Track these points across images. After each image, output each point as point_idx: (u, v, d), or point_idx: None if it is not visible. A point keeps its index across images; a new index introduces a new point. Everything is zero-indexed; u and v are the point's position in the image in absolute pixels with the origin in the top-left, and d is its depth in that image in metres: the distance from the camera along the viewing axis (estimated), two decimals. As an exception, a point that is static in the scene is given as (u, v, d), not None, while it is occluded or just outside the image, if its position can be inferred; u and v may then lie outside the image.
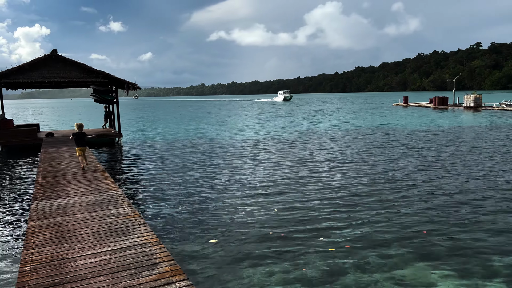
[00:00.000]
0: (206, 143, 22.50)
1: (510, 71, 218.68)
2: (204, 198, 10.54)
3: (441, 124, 30.72)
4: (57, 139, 19.58)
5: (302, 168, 14.30)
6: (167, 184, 12.10)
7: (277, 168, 14.37)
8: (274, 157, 17.02)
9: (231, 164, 15.44)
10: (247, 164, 15.45)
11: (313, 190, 11.00)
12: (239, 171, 13.95)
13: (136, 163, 16.12)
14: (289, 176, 12.99)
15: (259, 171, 13.89)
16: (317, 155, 17.25)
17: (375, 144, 20.32)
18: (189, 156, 17.53)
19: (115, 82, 21.57)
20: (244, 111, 63.72)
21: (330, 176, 12.87)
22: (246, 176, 13.17)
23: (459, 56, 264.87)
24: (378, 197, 10.21)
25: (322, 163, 15.14)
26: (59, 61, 19.70)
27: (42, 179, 9.65)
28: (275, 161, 16.00)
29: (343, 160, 15.82)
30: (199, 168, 14.57)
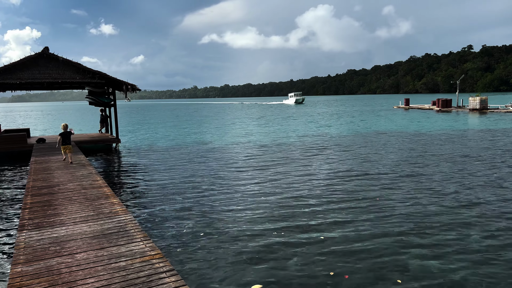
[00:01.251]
0: (210, 148, 20.87)
1: (502, 74, 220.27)
2: (231, 224, 8.93)
3: (452, 127, 29.44)
4: (49, 146, 17.83)
5: (326, 177, 12.78)
6: (178, 200, 10.45)
7: (291, 174, 12.84)
8: (289, 163, 15.47)
9: (244, 172, 13.85)
10: (262, 173, 13.87)
11: (338, 200, 9.49)
12: (252, 179, 12.37)
13: (138, 172, 14.44)
14: (305, 185, 11.46)
15: (277, 179, 12.34)
16: (339, 162, 15.76)
17: (397, 149, 18.88)
18: (194, 163, 15.90)
19: (113, 84, 19.84)
20: (253, 114, 62.12)
21: (344, 183, 11.36)
22: (262, 186, 11.59)
23: (451, 59, 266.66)
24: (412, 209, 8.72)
25: (341, 171, 13.63)
26: (51, 60, 17.95)
27: (31, 198, 7.97)
28: (289, 167, 14.45)
29: (359, 168, 14.33)
30: (207, 177, 12.96)
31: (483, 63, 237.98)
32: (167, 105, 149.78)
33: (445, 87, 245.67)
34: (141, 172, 14.43)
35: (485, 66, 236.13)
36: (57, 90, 23.56)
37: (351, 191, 10.93)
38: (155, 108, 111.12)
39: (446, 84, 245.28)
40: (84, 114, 78.44)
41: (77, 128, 36.60)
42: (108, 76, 18.85)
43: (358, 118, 42.73)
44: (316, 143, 22.19)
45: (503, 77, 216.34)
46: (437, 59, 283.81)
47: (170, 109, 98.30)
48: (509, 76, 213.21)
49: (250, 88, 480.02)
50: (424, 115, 43.84)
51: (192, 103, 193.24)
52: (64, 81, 18.02)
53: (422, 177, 12.55)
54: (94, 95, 20.87)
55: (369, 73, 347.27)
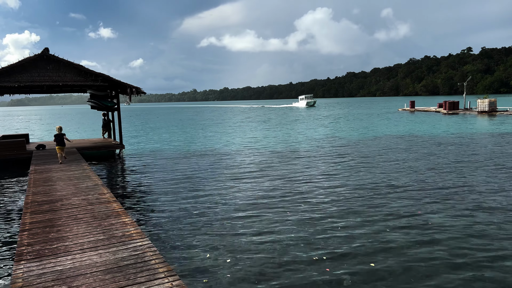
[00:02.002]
0: (219, 153, 19.87)
1: (502, 76, 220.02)
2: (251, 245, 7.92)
3: (467, 131, 28.50)
4: (49, 152, 16.81)
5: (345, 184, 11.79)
6: (197, 219, 9.43)
7: (305, 180, 11.85)
8: (308, 172, 14.47)
9: (256, 178, 12.85)
10: (284, 184, 12.87)
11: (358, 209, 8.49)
12: (263, 186, 11.38)
13: (147, 183, 13.42)
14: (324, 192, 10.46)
15: (290, 185, 11.34)
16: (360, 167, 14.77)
17: (419, 156, 17.91)
18: (206, 172, 14.90)
19: (116, 86, 18.85)
20: (264, 118, 61.14)
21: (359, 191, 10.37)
22: (288, 201, 10.59)
23: (451, 61, 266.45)
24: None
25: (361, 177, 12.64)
26: (51, 62, 16.96)
27: (30, 217, 6.97)
28: (309, 177, 13.45)
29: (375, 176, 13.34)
30: (221, 187, 11.96)
31: (483, 65, 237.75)
32: (167, 109, 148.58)
33: (445, 89, 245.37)
34: (150, 182, 13.39)
35: (485, 68, 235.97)
36: (57, 93, 22.55)
37: (385, 205, 9.90)
38: (155, 112, 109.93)
39: (446, 86, 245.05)
40: (84, 118, 77.40)
41: (78, 134, 35.51)
42: (111, 78, 17.86)
43: (368, 122, 41.77)
44: (333, 149, 21.21)
45: (503, 79, 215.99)
46: (436, 62, 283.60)
47: (171, 113, 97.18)
48: (509, 78, 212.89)
49: (249, 91, 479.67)
50: (433, 118, 42.90)
51: (192, 106, 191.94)
52: (65, 84, 17.03)
53: (459, 187, 11.55)
54: (97, 99, 19.87)
55: (368, 75, 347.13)
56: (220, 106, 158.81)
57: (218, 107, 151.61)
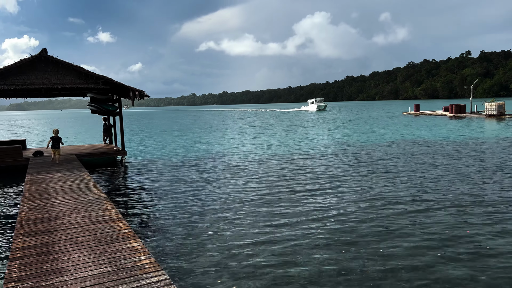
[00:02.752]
0: (227, 160, 18.88)
1: (502, 79, 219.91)
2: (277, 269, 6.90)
3: (481, 135, 27.56)
4: (47, 160, 15.79)
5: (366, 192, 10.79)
6: (213, 240, 8.42)
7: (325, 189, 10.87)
8: (323, 181, 13.48)
9: (273, 190, 11.86)
10: (302, 196, 11.88)
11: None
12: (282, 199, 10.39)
13: (153, 194, 12.38)
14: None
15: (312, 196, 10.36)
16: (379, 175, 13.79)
17: (443, 164, 16.95)
18: (214, 180, 13.90)
19: (118, 90, 17.85)
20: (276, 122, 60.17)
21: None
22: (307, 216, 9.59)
23: (450, 65, 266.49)
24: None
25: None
26: (49, 64, 15.97)
27: (23, 241, 5.94)
28: (325, 187, 12.45)
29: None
30: (239, 200, 10.97)
31: (482, 68, 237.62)
32: (167, 113, 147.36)
33: (445, 93, 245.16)
34: (157, 194, 12.30)
35: (484, 72, 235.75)
36: (56, 97, 21.56)
37: (428, 225, 8.85)
38: (155, 116, 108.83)
39: (445, 90, 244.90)
40: (84, 123, 76.30)
41: (78, 139, 34.47)
42: (113, 81, 16.88)
43: (378, 126, 40.81)
44: (352, 156, 20.22)
45: (503, 83, 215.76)
46: (435, 65, 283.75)
47: (172, 117, 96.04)
48: (508, 81, 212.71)
49: (248, 95, 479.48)
50: (441, 121, 41.95)
51: (192, 110, 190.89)
52: (64, 87, 16.04)
53: (503, 201, 10.55)
54: (97, 102, 18.87)
55: (367, 79, 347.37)
56: (222, 110, 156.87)
57: (219, 111, 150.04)
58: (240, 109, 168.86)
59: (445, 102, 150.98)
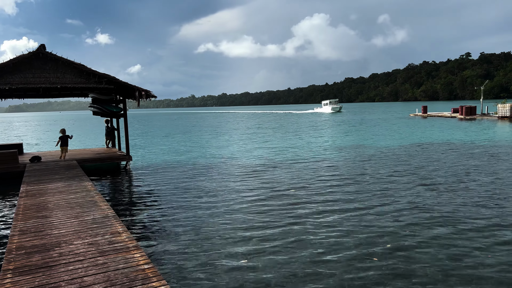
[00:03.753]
0: (242, 166, 17.51)
1: (502, 81, 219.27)
2: None
3: (500, 138, 26.22)
4: (45, 166, 14.37)
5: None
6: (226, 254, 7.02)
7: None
8: (344, 190, 12.12)
9: (294, 200, 10.50)
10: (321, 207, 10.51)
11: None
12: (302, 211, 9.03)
13: (167, 209, 10.93)
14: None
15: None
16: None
17: (473, 172, 15.60)
18: (233, 192, 12.52)
19: (123, 90, 16.44)
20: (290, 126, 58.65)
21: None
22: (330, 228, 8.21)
23: (450, 66, 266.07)
24: None
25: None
26: (48, 61, 14.57)
27: (12, 283, 4.53)
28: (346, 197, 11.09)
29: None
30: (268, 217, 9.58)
31: (482, 70, 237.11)
32: (167, 115, 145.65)
33: (445, 94, 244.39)
34: (171, 208, 10.78)
35: (485, 74, 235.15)
36: (55, 98, 20.13)
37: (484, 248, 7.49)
38: (155, 118, 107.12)
39: (445, 91, 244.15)
40: (85, 125, 74.71)
41: (79, 143, 32.94)
42: (118, 80, 15.48)
43: (391, 128, 39.44)
44: (374, 161, 18.86)
45: (503, 84, 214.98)
46: (435, 67, 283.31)
47: (173, 119, 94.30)
48: (509, 83, 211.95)
49: (248, 96, 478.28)
50: (454, 124, 40.54)
51: (193, 112, 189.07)
52: (64, 86, 14.62)
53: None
54: (100, 103, 17.45)
55: (367, 81, 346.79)
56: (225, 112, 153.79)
57: (222, 112, 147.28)
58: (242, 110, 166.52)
59: (445, 103, 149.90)
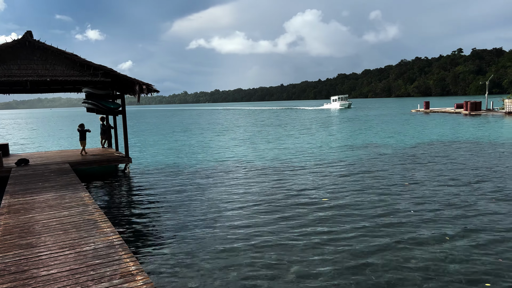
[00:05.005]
0: (253, 168, 15.87)
1: (494, 76, 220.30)
2: None
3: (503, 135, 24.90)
4: (33, 171, 12.57)
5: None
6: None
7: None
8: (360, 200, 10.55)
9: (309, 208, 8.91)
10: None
11: None
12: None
13: (176, 225, 9.27)
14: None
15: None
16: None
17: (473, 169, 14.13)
18: (249, 200, 10.88)
19: (121, 83, 14.59)
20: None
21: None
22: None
23: (442, 62, 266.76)
24: None
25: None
26: (35, 50, 12.71)
27: None
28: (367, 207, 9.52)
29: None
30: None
31: (475, 66, 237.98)
32: (161, 111, 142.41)
33: (437, 90, 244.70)
34: (185, 226, 9.18)
35: (477, 69, 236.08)
36: (45, 93, 18.20)
37: None
38: (148, 115, 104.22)
39: (438, 87, 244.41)
40: (76, 123, 72.22)
41: (70, 142, 30.92)
42: (116, 72, 13.66)
43: (399, 124, 38.00)
44: (393, 160, 17.32)
45: (495, 80, 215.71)
46: (428, 63, 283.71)
47: (167, 116, 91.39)
48: (501, 78, 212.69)
49: (240, 93, 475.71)
50: (461, 120, 39.22)
51: (186, 108, 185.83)
52: (54, 80, 12.78)
53: None
54: (96, 99, 15.59)
55: (359, 77, 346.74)
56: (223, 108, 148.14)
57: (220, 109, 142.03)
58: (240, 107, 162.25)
59: (438, 99, 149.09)
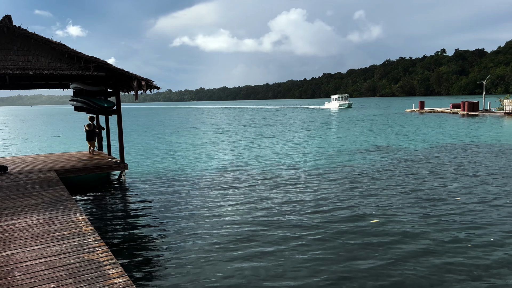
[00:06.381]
0: (258, 173, 14.23)
1: (477, 77, 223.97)
2: None
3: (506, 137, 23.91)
4: (13, 181, 10.62)
5: None
6: None
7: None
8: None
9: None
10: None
11: None
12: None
13: (191, 244, 7.56)
14: None
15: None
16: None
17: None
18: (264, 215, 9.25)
19: (117, 79, 12.68)
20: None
21: None
22: None
23: (426, 62, 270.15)
24: None
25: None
26: (16, 39, 10.74)
27: None
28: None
29: None
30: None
31: (458, 66, 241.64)
32: (146, 109, 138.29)
33: (422, 90, 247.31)
34: (211, 258, 7.49)
35: (460, 70, 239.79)
36: (26, 89, 16.05)
37: None
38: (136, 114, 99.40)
39: (422, 87, 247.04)
40: (60, 122, 68.79)
41: (57, 145, 28.53)
42: (110, 66, 11.78)
43: (399, 126, 36.83)
44: (407, 165, 15.91)
45: (478, 80, 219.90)
46: (412, 63, 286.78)
47: (155, 114, 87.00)
48: (483, 79, 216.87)
49: (226, 91, 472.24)
50: (460, 121, 38.34)
51: (172, 107, 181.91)
52: (38, 73, 10.83)
53: None
54: (86, 96, 13.62)
55: (344, 76, 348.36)
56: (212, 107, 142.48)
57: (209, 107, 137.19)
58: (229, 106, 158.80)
59: (424, 99, 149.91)
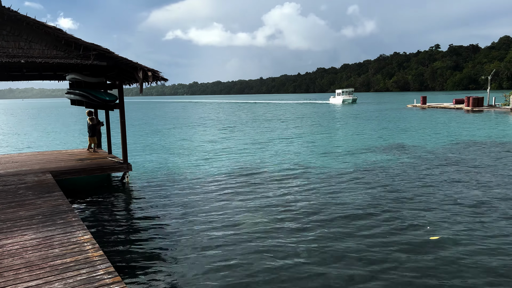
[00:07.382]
0: (272, 177, 13.03)
1: (471, 72, 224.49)
2: None
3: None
4: (2, 186, 9.28)
5: None
6: None
7: None
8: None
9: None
10: None
11: None
12: None
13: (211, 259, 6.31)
14: None
15: None
16: None
17: None
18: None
19: (120, 69, 11.26)
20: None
21: None
22: None
23: (420, 58, 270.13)
24: None
25: None
26: (5, 22, 9.32)
27: None
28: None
29: None
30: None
31: (452, 62, 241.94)
32: (139, 103, 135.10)
33: (416, 85, 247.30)
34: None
35: (454, 65, 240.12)
36: (16, 80, 14.55)
37: None
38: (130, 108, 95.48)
39: (416, 82, 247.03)
40: (52, 116, 66.56)
41: (51, 143, 26.85)
42: (113, 54, 10.38)
43: (404, 123, 35.77)
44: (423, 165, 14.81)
45: (472, 76, 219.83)
46: (406, 58, 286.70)
47: (151, 109, 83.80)
48: (477, 74, 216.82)
49: (219, 85, 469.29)
50: (464, 117, 37.45)
51: (166, 101, 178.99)
52: (31, 61, 9.44)
53: None
54: (84, 89, 12.22)
55: (339, 71, 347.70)
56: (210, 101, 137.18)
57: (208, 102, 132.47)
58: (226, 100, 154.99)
59: (416, 94, 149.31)
